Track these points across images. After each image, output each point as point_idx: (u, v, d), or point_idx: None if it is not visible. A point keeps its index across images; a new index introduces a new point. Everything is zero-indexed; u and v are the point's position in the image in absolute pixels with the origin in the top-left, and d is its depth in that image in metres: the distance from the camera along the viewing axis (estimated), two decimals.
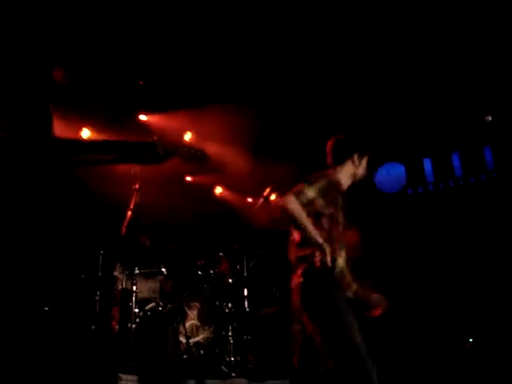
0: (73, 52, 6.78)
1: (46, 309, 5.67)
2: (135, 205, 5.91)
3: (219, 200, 9.40)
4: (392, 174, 9.57)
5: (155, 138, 2.42)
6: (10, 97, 2.07)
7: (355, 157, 3.81)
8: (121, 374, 4.67)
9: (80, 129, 7.71)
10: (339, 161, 3.79)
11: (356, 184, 3.83)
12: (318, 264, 3.37)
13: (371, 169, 4.02)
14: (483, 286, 7.71)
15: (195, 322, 6.06)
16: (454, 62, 7.53)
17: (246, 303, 6.49)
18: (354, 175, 3.80)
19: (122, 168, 6.60)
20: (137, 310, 5.68)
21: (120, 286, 5.90)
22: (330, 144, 3.87)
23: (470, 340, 7.39)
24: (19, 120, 2.07)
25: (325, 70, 7.83)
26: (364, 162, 3.88)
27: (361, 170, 3.83)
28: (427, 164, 9.38)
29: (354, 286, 3.41)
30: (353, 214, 3.62)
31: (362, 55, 7.61)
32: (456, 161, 9.09)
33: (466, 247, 8.08)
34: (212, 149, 8.73)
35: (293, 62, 7.69)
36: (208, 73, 7.69)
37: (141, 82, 7.96)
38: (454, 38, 7.17)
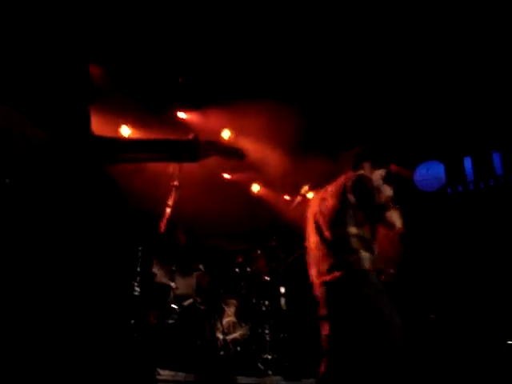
0: (110, 49, 6.87)
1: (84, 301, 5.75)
2: (174, 202, 5.96)
3: (257, 198, 9.41)
4: (431, 173, 9.46)
5: (192, 135, 2.44)
6: (47, 98, 2.09)
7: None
8: (159, 370, 4.72)
9: (119, 127, 7.82)
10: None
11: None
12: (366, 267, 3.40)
13: (411, 167, 4.05)
14: None
15: (232, 318, 6.08)
16: (497, 59, 7.40)
17: (283, 301, 6.48)
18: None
19: (161, 166, 6.67)
20: (175, 306, 5.73)
21: (158, 282, 5.97)
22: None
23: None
24: (57, 122, 2.10)
25: (364, 67, 7.77)
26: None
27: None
28: (467, 163, 9.24)
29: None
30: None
31: (399, 52, 7.54)
32: (497, 160, 8.93)
33: (508, 246, 7.92)
34: (249, 146, 8.75)
35: (329, 59, 7.65)
36: (246, 69, 7.69)
37: (180, 79, 8.01)
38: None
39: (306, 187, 6.63)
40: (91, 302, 5.32)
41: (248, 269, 6.58)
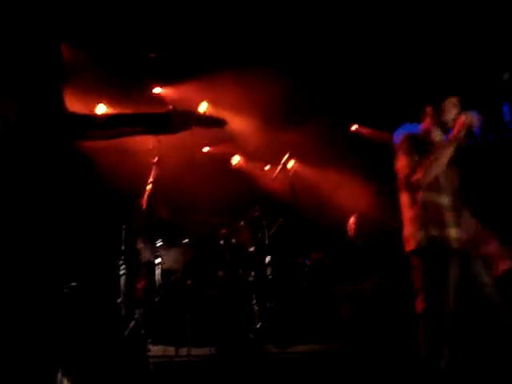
0: (83, 26, 6.77)
1: (74, 284, 5.77)
2: (154, 178, 5.96)
3: (237, 170, 9.41)
4: None
5: (171, 107, 2.42)
6: (19, 77, 2.07)
7: None
8: (150, 346, 4.75)
9: (95, 105, 7.75)
10: None
11: None
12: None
13: None
14: None
15: (219, 290, 6.12)
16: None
17: (269, 271, 6.52)
18: None
19: (140, 142, 6.64)
20: (161, 282, 5.75)
21: (143, 259, 5.98)
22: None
23: None
24: (30, 101, 2.08)
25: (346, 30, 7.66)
26: None
27: None
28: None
29: None
30: None
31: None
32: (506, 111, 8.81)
33: None
34: (228, 117, 8.70)
35: (308, 22, 7.53)
36: (217, 39, 7.56)
37: (152, 55, 7.93)
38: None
39: (285, 156, 6.65)
40: (77, 282, 5.33)
41: (232, 240, 6.60)
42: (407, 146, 3.80)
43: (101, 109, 7.80)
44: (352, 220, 7.50)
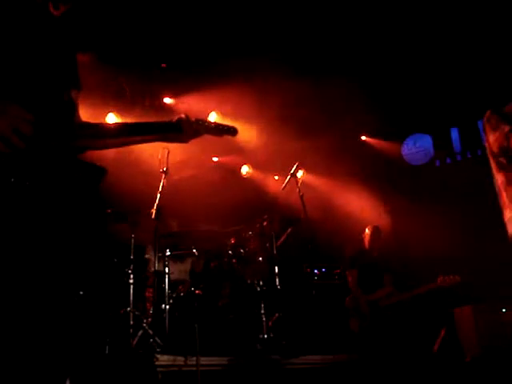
0: (96, 37, 6.84)
1: (81, 293, 5.79)
2: (163, 187, 5.98)
3: (246, 180, 9.44)
4: (419, 146, 9.49)
5: (183, 115, 2.45)
6: (33, 85, 2.09)
7: None
8: (158, 355, 4.75)
9: (105, 115, 7.82)
10: None
11: None
12: None
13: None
14: None
15: (228, 300, 6.12)
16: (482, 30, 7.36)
17: (277, 281, 6.52)
18: None
19: (149, 152, 6.69)
20: (170, 292, 5.76)
21: (152, 269, 6.00)
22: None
23: None
24: (45, 109, 2.10)
25: (351, 43, 7.72)
26: None
27: None
28: (454, 133, 9.24)
29: None
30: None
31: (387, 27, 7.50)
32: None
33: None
34: (237, 127, 8.73)
35: (317, 32, 7.58)
36: (226, 49, 7.60)
37: (163, 65, 8.00)
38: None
39: (294, 166, 6.66)
40: (83, 290, 5.35)
41: (241, 250, 6.60)
42: (495, 120, 3.54)
43: (111, 118, 7.87)
44: (367, 232, 7.51)
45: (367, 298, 6.96)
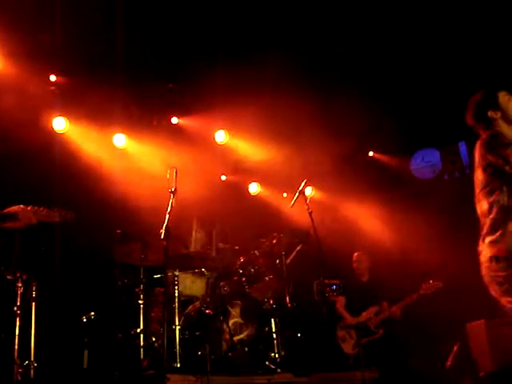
0: (103, 57, 6.90)
1: (93, 314, 5.81)
2: (172, 207, 5.98)
3: (255, 198, 9.44)
4: (427, 161, 9.47)
5: (20, 206, 2.70)
6: None
7: None
8: (168, 375, 4.74)
9: (113, 135, 7.87)
10: None
11: None
12: None
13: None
14: None
15: (238, 319, 6.10)
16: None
17: (287, 299, 6.49)
18: None
19: (158, 172, 6.72)
20: (180, 311, 5.76)
21: (163, 289, 5.99)
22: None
23: None
24: None
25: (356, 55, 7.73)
26: None
27: None
28: (462, 147, 9.22)
29: None
30: None
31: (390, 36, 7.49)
32: None
33: None
34: (245, 146, 8.78)
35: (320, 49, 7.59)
36: (232, 66, 7.60)
37: (170, 85, 8.04)
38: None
39: (302, 183, 6.66)
40: (94, 312, 5.37)
41: (251, 269, 6.58)
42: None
43: (119, 139, 7.92)
44: (354, 258, 7.60)
45: (357, 320, 7.01)
